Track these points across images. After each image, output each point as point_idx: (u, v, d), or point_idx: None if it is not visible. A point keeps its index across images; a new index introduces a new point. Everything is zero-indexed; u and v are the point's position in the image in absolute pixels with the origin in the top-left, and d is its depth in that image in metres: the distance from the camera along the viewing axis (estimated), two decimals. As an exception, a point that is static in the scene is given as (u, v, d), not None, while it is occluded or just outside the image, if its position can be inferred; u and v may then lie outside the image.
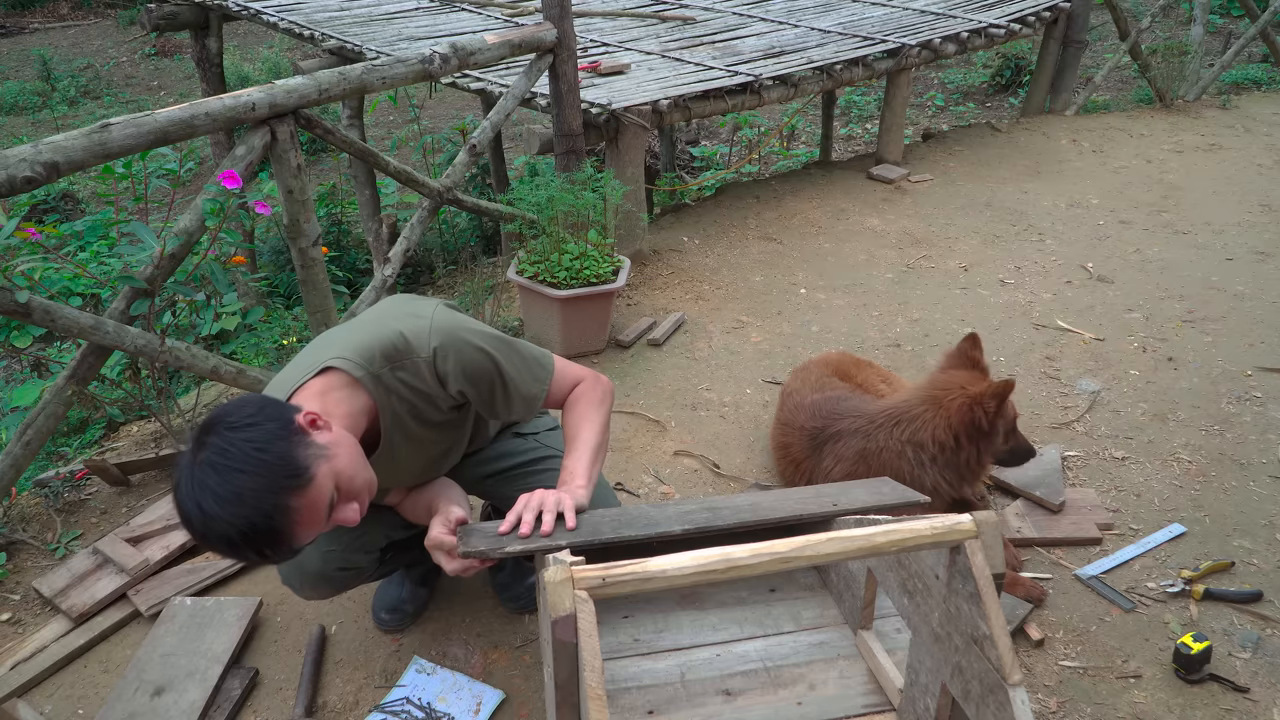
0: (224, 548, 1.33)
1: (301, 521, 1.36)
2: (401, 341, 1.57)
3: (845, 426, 2.35)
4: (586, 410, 1.73)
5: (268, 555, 1.36)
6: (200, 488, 1.29)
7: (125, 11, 14.12)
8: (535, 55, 3.39)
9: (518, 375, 1.67)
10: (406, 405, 1.61)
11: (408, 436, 1.66)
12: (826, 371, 2.70)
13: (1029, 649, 2.10)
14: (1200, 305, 3.70)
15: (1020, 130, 5.91)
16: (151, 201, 2.61)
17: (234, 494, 1.29)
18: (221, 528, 1.30)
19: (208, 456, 1.31)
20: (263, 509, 1.30)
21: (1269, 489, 2.63)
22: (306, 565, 1.81)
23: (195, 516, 1.30)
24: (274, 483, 1.31)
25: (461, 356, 1.59)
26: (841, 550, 1.19)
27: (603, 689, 1.10)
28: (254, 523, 1.30)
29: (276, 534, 1.33)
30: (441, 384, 1.60)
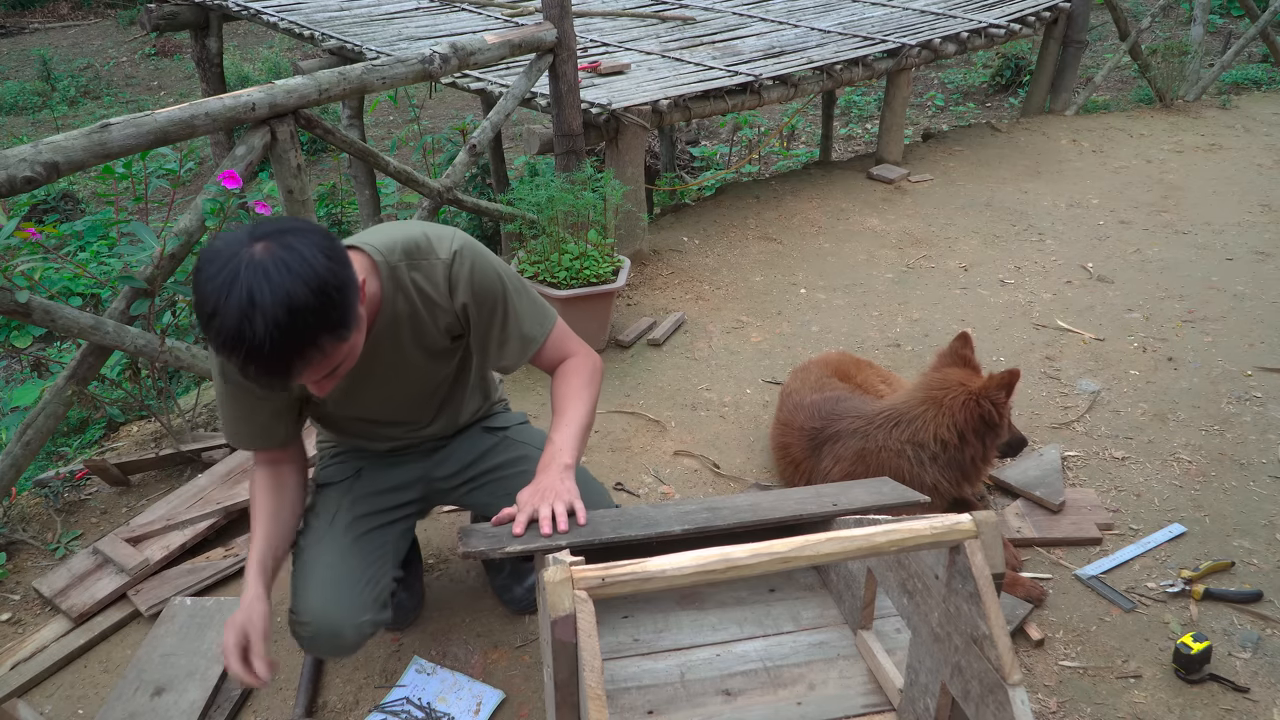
0: (232, 342, 1.27)
1: (312, 368, 1.34)
2: (424, 240, 1.60)
3: (844, 427, 2.35)
4: (580, 386, 1.72)
5: (262, 372, 1.30)
6: (263, 275, 1.25)
7: (125, 11, 14.12)
8: (535, 55, 3.39)
9: (523, 311, 1.69)
10: (409, 309, 1.62)
11: (394, 346, 1.65)
12: (826, 372, 2.70)
13: (1029, 649, 2.10)
14: (1200, 305, 3.70)
15: (1020, 130, 5.91)
16: (151, 201, 2.61)
17: (286, 301, 1.26)
18: (255, 324, 1.25)
19: (282, 255, 1.27)
20: (302, 333, 1.28)
21: (1269, 489, 2.63)
22: (343, 641, 1.74)
23: (237, 298, 1.25)
24: (324, 318, 1.30)
25: (477, 268, 1.62)
26: (841, 550, 1.19)
27: (602, 689, 1.10)
28: (288, 339, 1.27)
29: (294, 361, 1.30)
30: (450, 293, 1.61)
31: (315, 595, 1.72)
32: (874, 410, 2.35)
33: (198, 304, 1.30)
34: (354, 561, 1.77)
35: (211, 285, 1.27)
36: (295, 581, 1.77)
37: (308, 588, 1.73)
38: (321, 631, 1.71)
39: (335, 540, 1.78)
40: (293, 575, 1.79)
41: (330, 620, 1.71)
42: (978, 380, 2.25)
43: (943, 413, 2.21)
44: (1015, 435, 2.38)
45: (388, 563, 1.83)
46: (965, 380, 2.25)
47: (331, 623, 1.71)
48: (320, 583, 1.73)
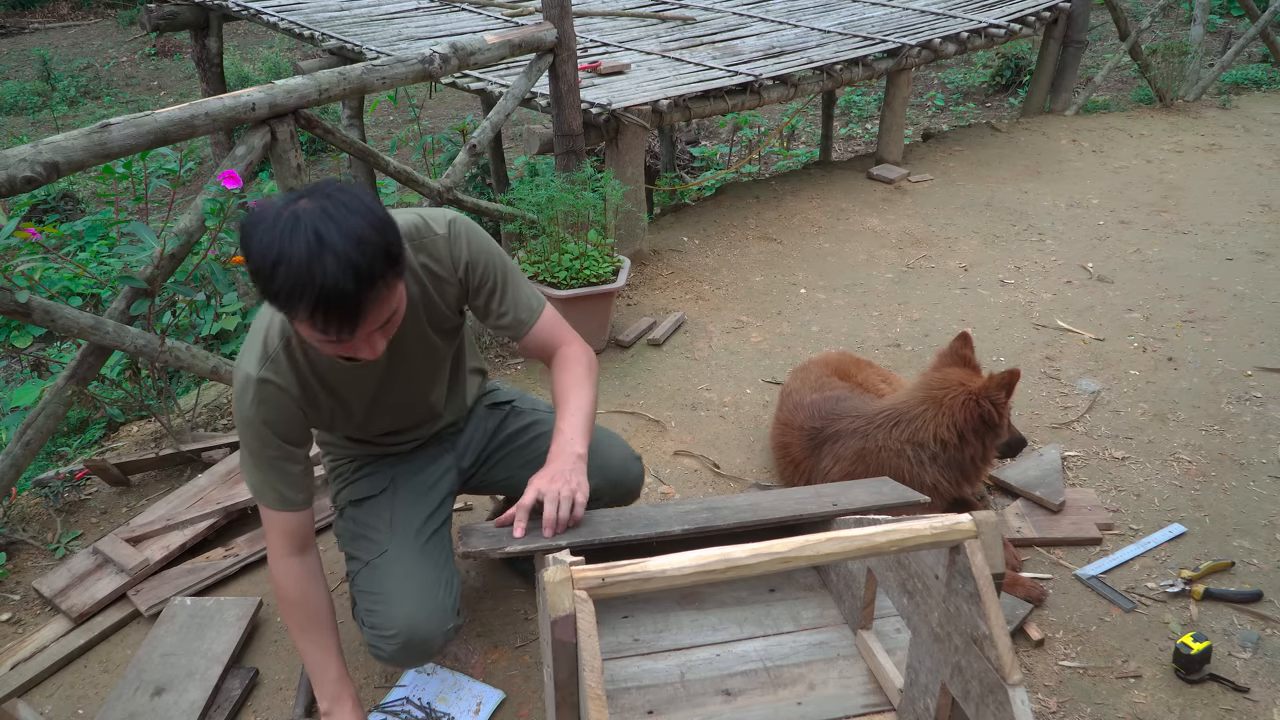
0: (302, 285, 1.28)
1: (376, 310, 1.37)
2: (421, 221, 1.65)
3: (844, 427, 2.35)
4: (582, 376, 1.74)
5: (333, 316, 1.32)
6: (325, 217, 1.29)
7: (125, 11, 14.12)
8: (535, 55, 3.39)
9: (520, 283, 1.75)
10: (420, 292, 1.65)
11: (416, 333, 1.68)
12: (826, 371, 2.70)
13: (1029, 649, 2.10)
14: (1200, 305, 3.70)
15: (1020, 130, 5.91)
16: (151, 201, 2.61)
17: (355, 236, 1.30)
18: (326, 262, 1.27)
19: (337, 199, 1.32)
20: (371, 269, 1.31)
21: (1269, 489, 2.62)
22: (431, 648, 1.75)
23: (304, 240, 1.28)
24: (388, 253, 1.35)
25: (474, 236, 1.68)
26: (841, 550, 1.20)
27: (602, 689, 1.10)
28: (361, 275, 1.30)
29: (365, 298, 1.33)
30: (454, 263, 1.66)
31: (401, 606, 1.70)
32: (874, 410, 2.35)
33: (255, 260, 1.31)
34: (429, 568, 1.76)
35: (270, 236, 1.29)
36: (370, 596, 1.75)
37: (391, 601, 1.72)
38: (412, 641, 1.70)
39: (407, 548, 1.78)
40: (360, 588, 1.78)
41: (420, 630, 1.70)
42: (977, 380, 2.25)
43: (942, 412, 2.21)
44: (1015, 436, 2.38)
45: (453, 564, 1.85)
46: (965, 380, 2.25)
47: (422, 632, 1.70)
48: (404, 594, 1.72)
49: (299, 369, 1.61)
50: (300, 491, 1.67)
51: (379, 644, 1.73)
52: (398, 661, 1.75)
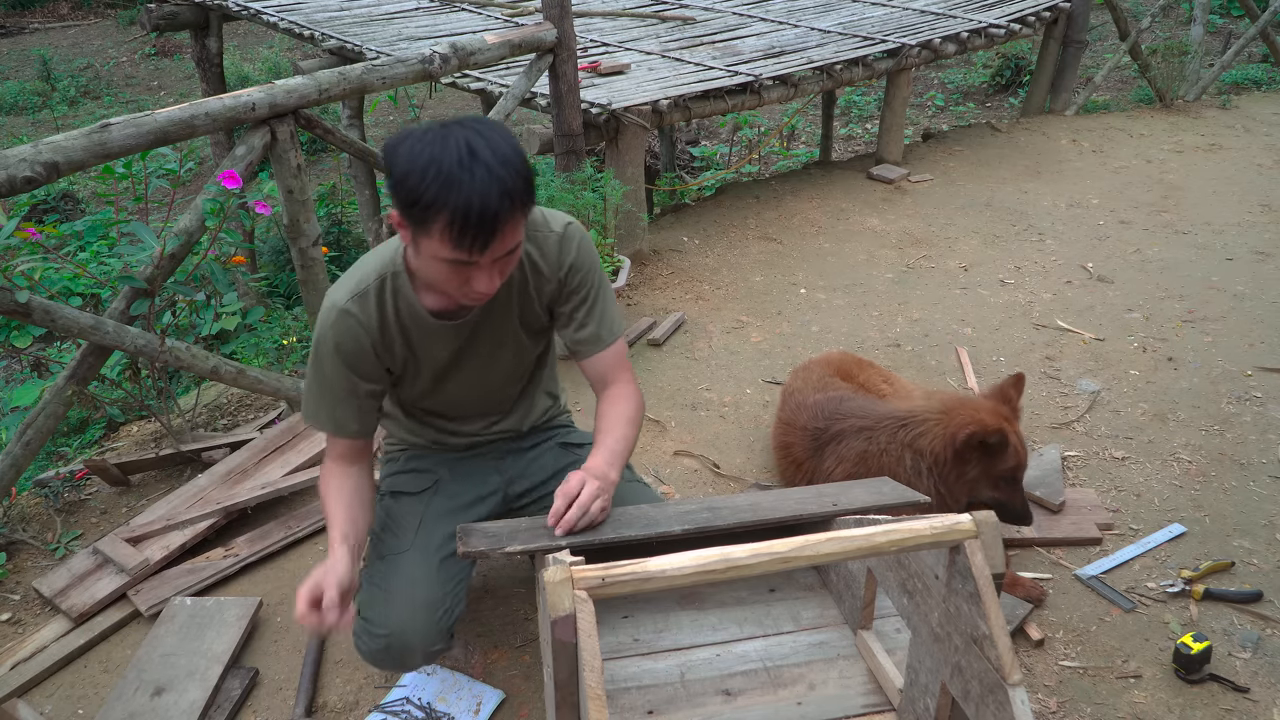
0: (450, 188, 1.34)
1: (507, 233, 1.41)
2: (539, 214, 1.70)
3: (848, 427, 2.34)
4: (629, 417, 1.75)
5: (469, 226, 1.36)
6: (479, 135, 1.37)
7: (125, 11, 14.12)
8: (535, 55, 3.39)
9: (610, 304, 1.77)
10: (519, 279, 1.69)
11: (503, 317, 1.72)
12: (828, 371, 2.69)
13: (1029, 649, 2.10)
14: (1200, 305, 3.70)
15: (1020, 130, 5.91)
16: (151, 201, 2.61)
17: (503, 157, 1.37)
18: (476, 172, 1.35)
19: (490, 127, 1.41)
20: (512, 190, 1.38)
21: (1269, 489, 2.62)
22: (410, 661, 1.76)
23: (456, 150, 1.35)
24: (527, 183, 1.41)
25: (584, 244, 1.73)
26: (841, 550, 1.19)
27: (602, 689, 1.10)
28: (503, 191, 1.36)
29: (501, 216, 1.38)
30: (559, 263, 1.70)
31: (398, 612, 1.72)
32: (883, 412, 2.34)
33: (403, 166, 1.38)
34: (438, 585, 1.77)
35: (420, 146, 1.37)
36: (374, 589, 1.77)
37: (391, 602, 1.73)
38: (393, 648, 1.72)
39: (425, 558, 1.79)
40: (369, 579, 1.80)
41: (407, 640, 1.71)
42: (996, 416, 2.17)
43: (945, 428, 2.17)
44: (1015, 505, 2.22)
45: (463, 590, 1.84)
46: (985, 410, 2.19)
47: (407, 643, 1.72)
48: (406, 601, 1.73)
49: (384, 311, 1.65)
50: (355, 422, 1.72)
51: (364, 638, 1.74)
52: (375, 661, 1.76)
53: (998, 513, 2.18)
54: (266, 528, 2.44)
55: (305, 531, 2.44)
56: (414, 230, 1.43)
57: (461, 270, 1.46)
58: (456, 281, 1.48)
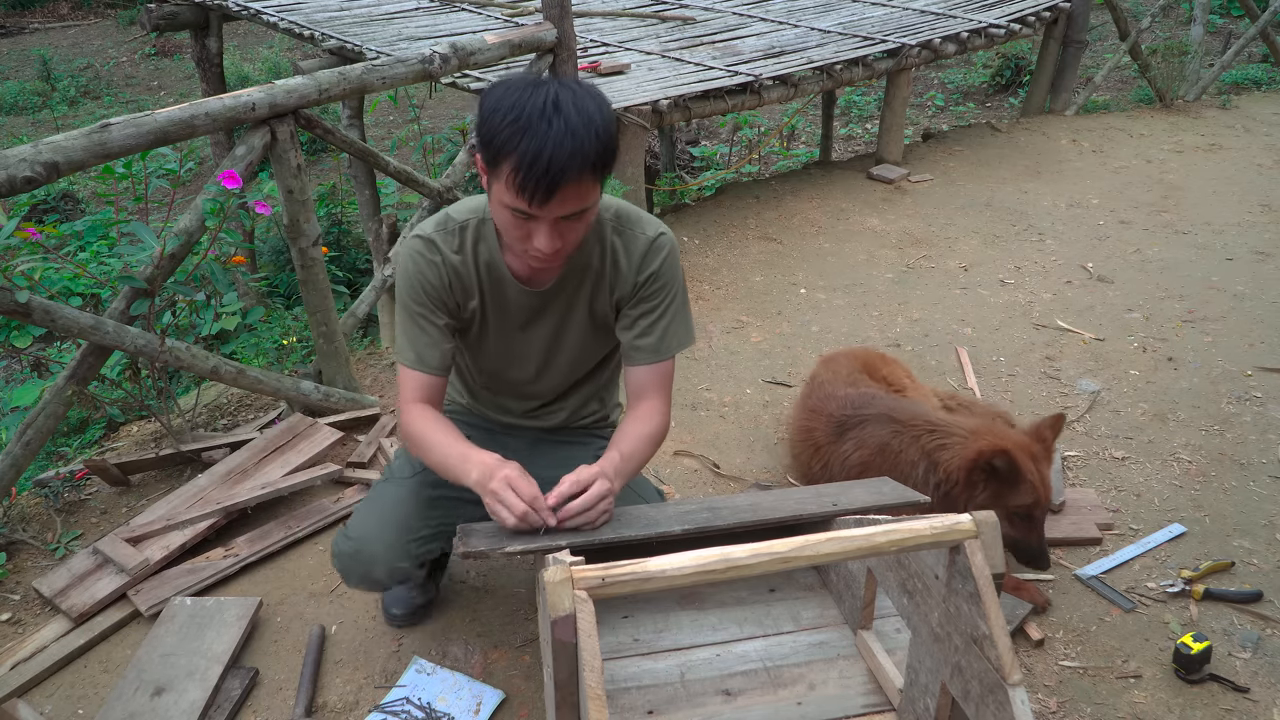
0: (526, 132, 1.37)
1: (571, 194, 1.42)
2: (637, 215, 1.73)
3: (876, 414, 2.35)
4: (649, 437, 1.72)
5: (534, 174, 1.38)
6: (570, 93, 1.41)
7: (125, 11, 14.12)
8: (535, 55, 3.39)
9: (678, 319, 1.76)
10: (598, 266, 1.70)
11: (572, 297, 1.73)
12: (855, 365, 2.72)
13: (1029, 649, 2.10)
14: (1200, 305, 3.70)
15: (1020, 130, 5.91)
16: (151, 201, 2.61)
17: (586, 117, 1.39)
18: (555, 123, 1.37)
19: (586, 89, 1.44)
20: (586, 151, 1.39)
21: (1269, 489, 2.62)
22: (373, 574, 1.83)
23: (544, 100, 1.38)
24: (603, 150, 1.42)
25: (671, 256, 1.72)
26: (841, 550, 1.19)
27: (602, 689, 1.10)
28: (575, 149, 1.38)
29: (567, 173, 1.38)
30: (641, 265, 1.70)
31: (372, 522, 1.83)
32: (915, 412, 2.31)
33: (489, 107, 1.42)
34: (417, 515, 1.84)
35: (511, 91, 1.41)
36: (362, 503, 1.90)
37: (369, 513, 1.85)
38: (361, 554, 1.82)
39: (413, 490, 1.87)
40: (367, 496, 1.92)
41: (372, 551, 1.81)
42: (1023, 445, 2.13)
43: (966, 448, 2.14)
44: (1032, 545, 2.15)
45: (444, 534, 1.89)
46: (1013, 440, 2.15)
47: (373, 553, 1.81)
48: (381, 515, 1.83)
49: (465, 251, 1.68)
50: (434, 355, 1.73)
51: (339, 541, 1.86)
52: (344, 570, 1.86)
53: (1011, 550, 2.16)
54: (266, 528, 2.44)
55: (305, 531, 2.44)
56: (490, 173, 1.47)
57: (524, 223, 1.47)
58: (520, 233, 1.50)
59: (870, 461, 2.28)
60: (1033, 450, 2.14)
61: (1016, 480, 2.08)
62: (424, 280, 1.68)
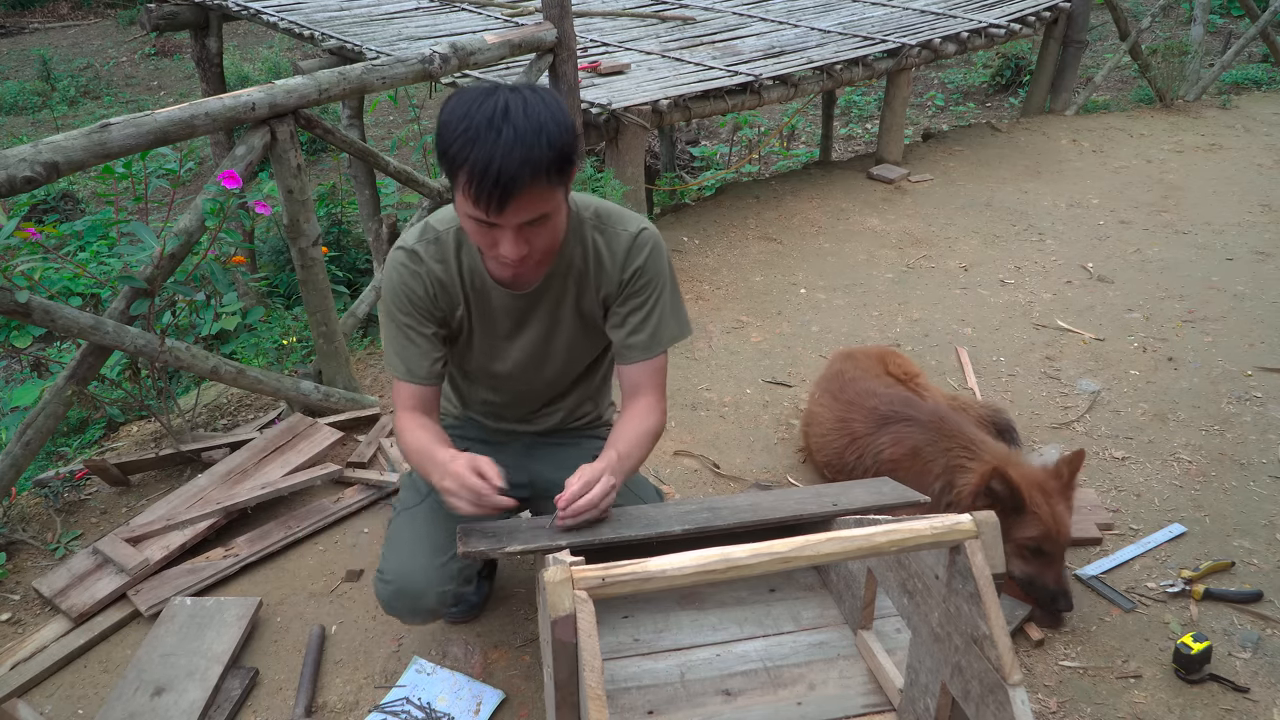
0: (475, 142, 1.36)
1: (527, 199, 1.41)
2: (617, 212, 1.72)
3: (919, 417, 2.36)
4: (645, 434, 1.71)
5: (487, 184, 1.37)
6: (520, 99, 1.39)
7: (125, 11, 14.12)
8: (535, 55, 3.39)
9: (671, 311, 1.75)
10: (581, 266, 1.70)
11: (558, 297, 1.72)
12: (874, 362, 2.76)
13: (1029, 649, 2.10)
14: (1200, 305, 3.70)
15: (1020, 130, 5.91)
16: (151, 201, 2.61)
17: (536, 121, 1.38)
18: (504, 131, 1.36)
19: (540, 94, 1.43)
20: (538, 157, 1.38)
21: (1269, 489, 2.62)
22: (422, 604, 1.79)
23: (493, 108, 1.37)
24: (558, 153, 1.41)
25: (656, 251, 1.72)
26: (841, 550, 1.19)
27: (603, 689, 1.10)
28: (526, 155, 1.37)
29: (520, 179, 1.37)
30: (625, 262, 1.69)
31: (402, 557, 1.80)
32: (958, 428, 2.29)
33: (444, 119, 1.41)
34: (444, 531, 1.81)
35: (464, 101, 1.40)
36: (387, 543, 1.87)
37: (396, 549, 1.82)
38: (403, 591, 1.78)
39: (431, 509, 1.85)
40: (386, 536, 1.89)
41: (413, 583, 1.77)
42: (1031, 475, 2.11)
43: (980, 472, 2.12)
44: (1047, 583, 2.08)
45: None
46: (1026, 472, 2.13)
47: (414, 585, 1.78)
48: (409, 546, 1.81)
49: (448, 259, 1.68)
50: (423, 366, 1.74)
51: (378, 586, 1.83)
52: (392, 608, 1.82)
53: (1024, 589, 2.10)
54: (266, 528, 2.44)
55: (305, 531, 2.44)
56: (450, 183, 1.46)
57: (488, 231, 1.47)
58: (486, 241, 1.50)
59: (900, 461, 2.28)
60: (1044, 484, 2.09)
61: (1019, 508, 2.04)
62: (409, 291, 1.68)
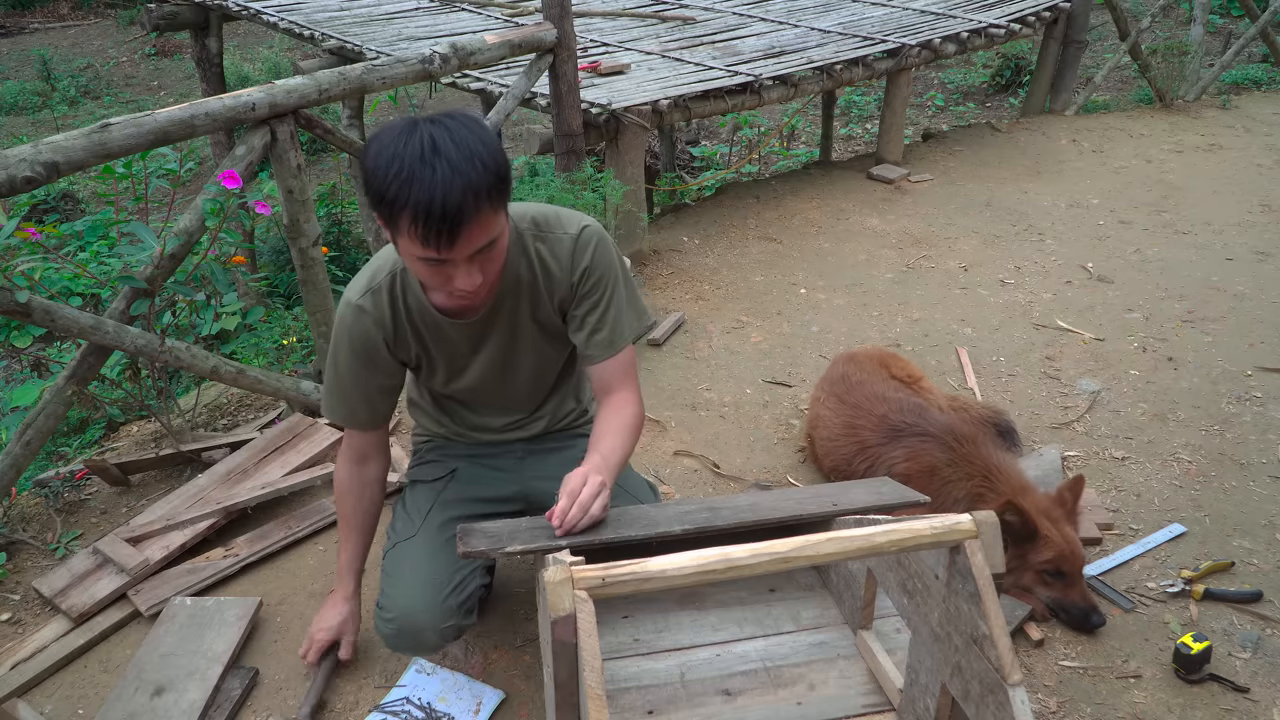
0: (411, 185, 1.34)
1: (476, 229, 1.39)
2: (553, 216, 1.70)
3: (936, 433, 2.34)
4: (627, 427, 1.71)
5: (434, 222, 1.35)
6: (445, 130, 1.37)
7: (125, 11, 14.11)
8: (535, 55, 3.39)
9: (629, 305, 1.75)
10: (530, 278, 1.69)
11: (514, 311, 1.71)
12: (877, 365, 2.75)
13: (1029, 649, 2.10)
14: (1200, 305, 3.70)
15: (1020, 130, 5.91)
16: (151, 201, 2.61)
17: (467, 150, 1.36)
18: (438, 168, 1.34)
19: (459, 122, 1.40)
20: (478, 185, 1.36)
21: (1269, 489, 2.62)
22: (425, 641, 1.79)
23: (420, 145, 1.34)
24: (496, 176, 1.39)
25: (601, 247, 1.70)
26: (841, 550, 1.19)
27: (603, 689, 1.10)
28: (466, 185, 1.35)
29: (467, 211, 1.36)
30: (572, 266, 1.68)
31: (403, 594, 1.77)
32: (976, 449, 2.27)
33: (370, 164, 1.38)
34: (443, 563, 1.79)
35: (387, 141, 1.37)
36: (385, 577, 1.83)
37: (396, 586, 1.79)
38: (405, 630, 1.77)
39: (428, 539, 1.83)
40: (383, 569, 1.86)
41: (415, 621, 1.76)
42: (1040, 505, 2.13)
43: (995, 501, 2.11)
44: (1070, 601, 2.10)
45: (477, 567, 1.85)
46: (1036, 500, 2.15)
47: (416, 623, 1.76)
48: (409, 582, 1.78)
49: (396, 307, 1.68)
50: (365, 413, 1.78)
51: (379, 624, 1.81)
52: (395, 646, 1.82)
53: (1054, 613, 2.13)
54: (266, 528, 2.44)
55: (305, 531, 2.44)
56: (389, 228, 1.44)
57: (439, 269, 1.45)
58: (439, 279, 1.48)
59: (914, 477, 2.26)
60: (1051, 511, 2.13)
61: (1032, 534, 2.07)
62: (358, 350, 1.70)
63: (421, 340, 1.73)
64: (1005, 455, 2.35)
